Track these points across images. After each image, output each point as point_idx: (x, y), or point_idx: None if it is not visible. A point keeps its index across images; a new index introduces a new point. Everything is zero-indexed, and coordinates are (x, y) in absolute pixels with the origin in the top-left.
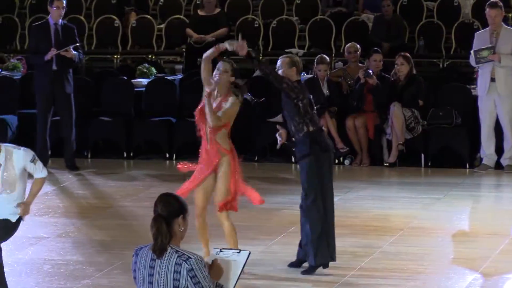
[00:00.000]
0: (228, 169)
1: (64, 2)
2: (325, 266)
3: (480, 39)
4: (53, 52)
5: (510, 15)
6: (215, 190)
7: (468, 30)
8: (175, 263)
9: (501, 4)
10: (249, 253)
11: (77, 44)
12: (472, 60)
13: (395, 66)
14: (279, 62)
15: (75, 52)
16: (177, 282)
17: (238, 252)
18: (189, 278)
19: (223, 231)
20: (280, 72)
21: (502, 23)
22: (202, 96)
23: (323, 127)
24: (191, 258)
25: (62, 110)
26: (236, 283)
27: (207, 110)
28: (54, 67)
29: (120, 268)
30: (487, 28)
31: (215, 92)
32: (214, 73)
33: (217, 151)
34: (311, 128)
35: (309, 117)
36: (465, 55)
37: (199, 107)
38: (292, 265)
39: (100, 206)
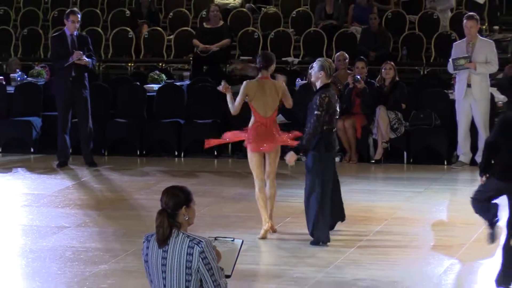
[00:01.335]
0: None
1: (79, 16)
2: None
3: (458, 48)
4: (78, 54)
5: (483, 27)
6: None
7: (447, 41)
8: (188, 246)
9: (477, 17)
10: (242, 241)
11: (91, 53)
12: (449, 68)
13: (382, 71)
14: (314, 64)
15: (89, 59)
16: (189, 263)
17: (232, 240)
18: (200, 260)
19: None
20: (312, 73)
21: (478, 34)
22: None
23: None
24: (202, 242)
25: (80, 112)
26: (233, 268)
27: None
28: (73, 74)
29: (134, 254)
30: (464, 39)
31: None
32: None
33: None
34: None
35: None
36: (443, 63)
37: None
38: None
39: (116, 198)
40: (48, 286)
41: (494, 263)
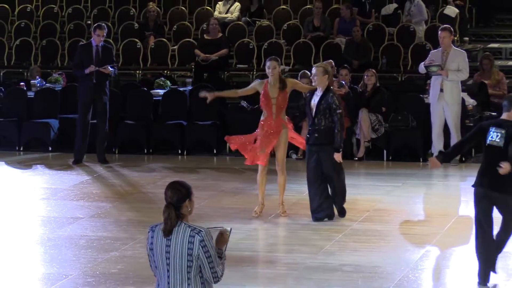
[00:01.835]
0: (286, 137)
1: (105, 31)
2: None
3: (433, 56)
4: (92, 68)
5: (455, 38)
6: (277, 150)
7: (422, 50)
8: (189, 235)
9: (450, 28)
10: (231, 229)
11: (114, 64)
12: (420, 68)
13: (365, 77)
14: (314, 70)
15: (112, 69)
16: (190, 251)
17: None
18: (200, 247)
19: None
20: (315, 78)
21: (452, 45)
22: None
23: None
24: (202, 231)
25: (98, 115)
26: (224, 250)
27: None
28: (94, 80)
29: (142, 242)
30: (440, 48)
31: (271, 81)
32: (267, 71)
33: (281, 124)
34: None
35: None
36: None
37: (262, 97)
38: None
39: (126, 192)
40: (64, 271)
41: (465, 250)
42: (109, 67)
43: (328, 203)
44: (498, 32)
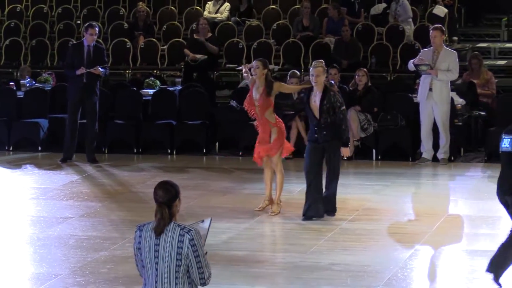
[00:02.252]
0: (277, 135)
1: (97, 29)
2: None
3: (424, 55)
4: (82, 70)
5: (444, 38)
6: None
7: (411, 50)
8: (179, 234)
9: (441, 28)
10: (211, 219)
11: (105, 65)
12: (409, 65)
13: (356, 77)
14: (314, 71)
15: (102, 70)
16: (180, 250)
17: (202, 221)
18: (190, 246)
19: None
20: (318, 79)
21: (443, 44)
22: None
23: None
24: (192, 231)
25: (88, 115)
26: (205, 238)
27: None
28: (84, 80)
29: (131, 242)
30: (431, 47)
31: (257, 83)
32: (252, 70)
33: (267, 124)
34: None
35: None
36: (408, 70)
37: (248, 96)
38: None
39: (115, 192)
40: (54, 271)
41: (454, 249)
42: (99, 68)
43: (318, 202)
44: (487, 32)
